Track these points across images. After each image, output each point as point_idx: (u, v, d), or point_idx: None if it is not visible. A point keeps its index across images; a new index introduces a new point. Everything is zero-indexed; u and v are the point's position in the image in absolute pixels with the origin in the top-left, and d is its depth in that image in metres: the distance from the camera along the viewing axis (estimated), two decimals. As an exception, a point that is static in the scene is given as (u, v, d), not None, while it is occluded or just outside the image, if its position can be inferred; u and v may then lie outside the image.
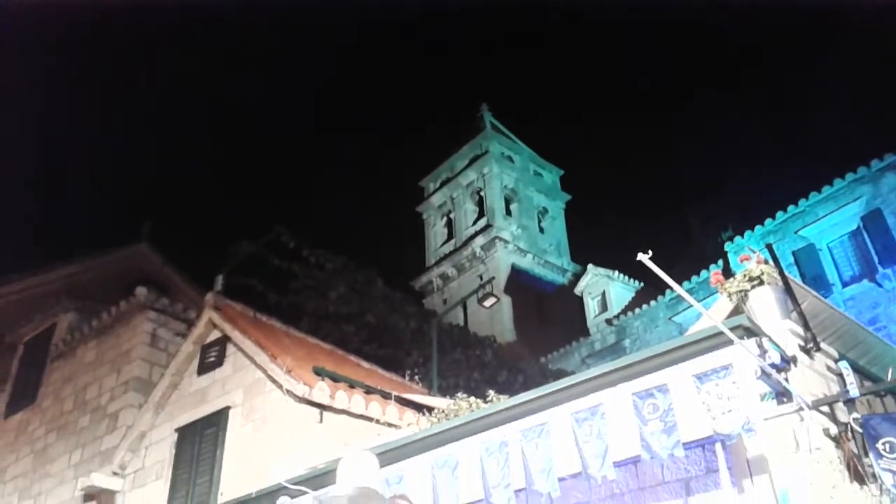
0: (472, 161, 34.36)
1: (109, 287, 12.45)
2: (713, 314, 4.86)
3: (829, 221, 17.57)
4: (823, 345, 5.04)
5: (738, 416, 4.16)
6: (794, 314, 5.05)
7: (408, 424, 8.70)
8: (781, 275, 5.13)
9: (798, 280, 5.62)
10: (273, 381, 8.85)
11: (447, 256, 32.86)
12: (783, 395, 4.60)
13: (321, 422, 8.58)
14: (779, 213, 18.53)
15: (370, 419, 8.95)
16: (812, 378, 4.81)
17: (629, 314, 22.82)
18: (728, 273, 5.69)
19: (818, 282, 16.65)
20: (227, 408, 9.28)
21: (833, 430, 4.54)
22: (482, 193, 33.39)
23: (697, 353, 4.68)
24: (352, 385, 9.25)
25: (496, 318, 27.33)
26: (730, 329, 4.28)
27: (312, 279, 16.21)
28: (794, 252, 17.85)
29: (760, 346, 4.45)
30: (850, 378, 4.64)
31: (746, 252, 5.58)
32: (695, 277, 19.36)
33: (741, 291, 5.24)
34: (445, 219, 34.86)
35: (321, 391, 8.56)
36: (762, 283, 5.17)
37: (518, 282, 30.26)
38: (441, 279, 32.57)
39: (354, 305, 16.08)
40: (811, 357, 4.93)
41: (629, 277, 25.18)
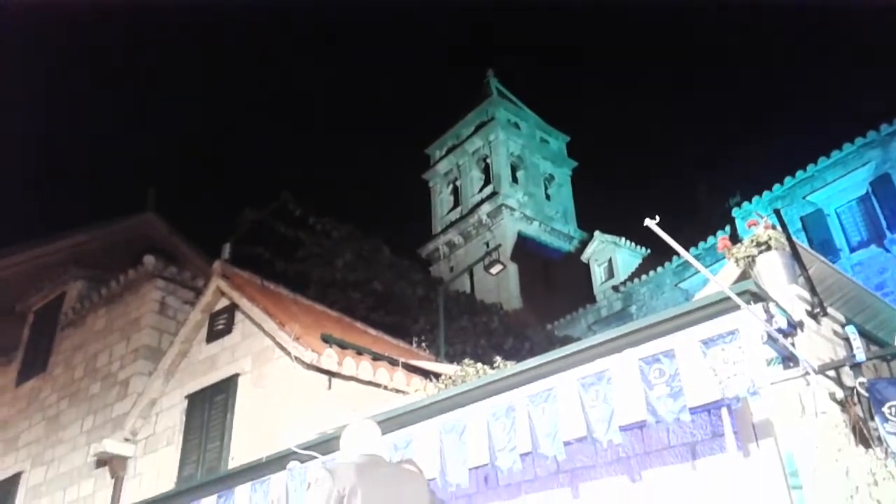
0: (478, 128, 34.17)
1: (117, 256, 12.50)
2: (720, 280, 4.86)
3: (838, 186, 17.48)
4: (830, 310, 5.04)
5: (744, 381, 4.17)
6: (802, 279, 5.05)
7: (415, 391, 8.77)
8: (789, 240, 5.11)
9: (806, 245, 5.59)
10: (281, 349, 8.92)
11: (453, 224, 32.84)
12: (789, 360, 4.61)
13: (329, 388, 8.65)
14: (787, 179, 18.43)
15: (378, 385, 9.02)
16: (818, 343, 4.82)
17: (636, 281, 22.83)
18: (735, 239, 5.67)
19: (826, 247, 16.62)
20: (237, 375, 9.37)
21: (839, 395, 4.56)
22: (488, 161, 33.26)
23: (704, 319, 4.69)
24: (359, 352, 9.31)
25: (503, 286, 27.39)
26: (737, 294, 4.27)
27: (319, 247, 16.25)
28: (802, 217, 17.79)
29: (767, 311, 4.46)
30: (857, 342, 4.65)
31: (754, 217, 5.56)
32: (702, 244, 19.33)
33: (748, 257, 5.23)
34: (451, 186, 34.77)
35: (329, 358, 8.62)
36: (769, 249, 5.15)
37: (524, 249, 30.26)
38: (447, 247, 32.60)
39: (361, 273, 16.13)
40: (818, 322, 4.94)
41: (636, 244, 25.17)
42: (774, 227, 5.25)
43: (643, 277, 22.55)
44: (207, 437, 9.23)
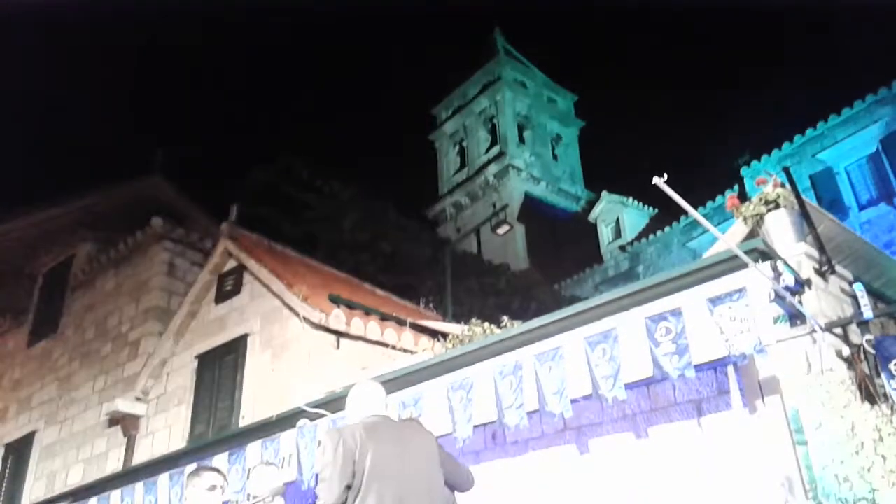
0: (485, 88, 33.87)
1: (125, 218, 12.51)
2: (728, 238, 4.85)
3: (848, 144, 17.31)
4: (838, 268, 5.03)
5: (751, 338, 4.18)
6: (810, 238, 5.03)
7: (423, 350, 8.84)
8: (798, 198, 5.08)
9: (814, 204, 5.56)
10: (290, 309, 8.98)
11: (460, 185, 32.74)
12: (796, 318, 4.62)
13: (338, 348, 8.73)
14: (797, 137, 18.25)
15: (386, 345, 9.10)
16: (826, 301, 4.82)
17: (643, 240, 22.78)
18: (744, 197, 5.63)
19: (835, 205, 16.52)
20: (246, 335, 9.45)
21: (846, 352, 4.57)
22: (495, 121, 33.02)
23: (711, 277, 4.68)
24: (367, 312, 9.37)
25: (510, 246, 27.38)
26: (744, 252, 4.26)
27: (326, 209, 16.26)
28: (812, 176, 17.66)
29: (775, 269, 4.44)
30: (864, 300, 4.64)
31: (763, 176, 5.52)
32: (710, 203, 19.22)
33: (757, 215, 5.20)
34: (458, 147, 34.58)
35: (337, 318, 8.67)
36: (778, 207, 5.12)
37: (531, 210, 30.19)
38: (454, 208, 32.54)
39: (368, 234, 16.16)
40: (826, 280, 4.93)
41: (643, 204, 25.06)
42: (783, 186, 5.21)
43: (650, 237, 22.50)
44: (218, 397, 9.35)
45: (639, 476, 4.97)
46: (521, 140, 32.62)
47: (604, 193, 25.70)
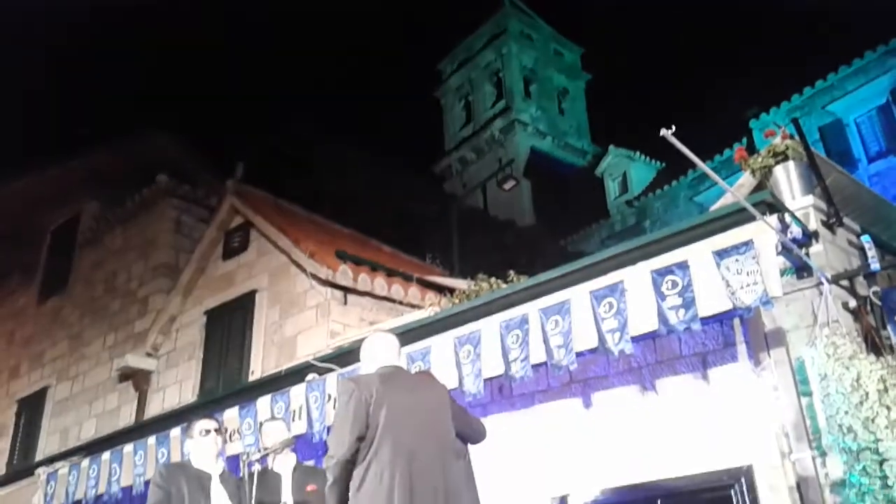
0: (490, 41, 33.40)
1: (131, 176, 12.51)
2: (735, 191, 4.82)
3: (858, 96, 17.11)
4: (846, 220, 5.01)
5: (757, 291, 4.18)
6: (818, 190, 5.00)
7: (430, 305, 8.86)
8: (807, 149, 5.04)
9: (823, 156, 5.53)
10: (297, 265, 9.02)
11: (466, 140, 32.53)
12: (803, 270, 4.62)
13: (345, 304, 8.78)
14: (806, 89, 18.04)
15: (393, 301, 9.14)
16: (833, 253, 4.81)
17: (650, 195, 22.69)
18: (752, 150, 5.59)
19: (844, 158, 16.39)
20: (254, 291, 9.51)
21: (852, 304, 4.58)
22: (501, 75, 32.64)
23: (718, 230, 4.67)
24: (374, 268, 9.39)
25: (516, 202, 27.30)
26: (752, 205, 4.24)
27: (332, 165, 16.21)
28: (821, 128, 17.50)
29: (782, 222, 4.43)
30: (872, 252, 4.64)
31: (771, 128, 5.47)
32: (717, 156, 19.09)
33: (765, 167, 5.16)
34: (463, 102, 34.25)
35: (344, 274, 8.71)
36: (787, 159, 5.08)
37: (538, 165, 30.02)
38: (460, 163, 32.38)
39: (374, 191, 16.12)
40: (833, 232, 4.92)
41: (650, 158, 24.89)
42: (792, 137, 5.17)
43: (657, 192, 22.40)
44: (227, 352, 9.45)
45: (644, 428, 5.03)
46: (527, 94, 32.29)
47: (610, 148, 25.54)
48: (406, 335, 5.94)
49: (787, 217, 4.53)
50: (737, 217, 4.53)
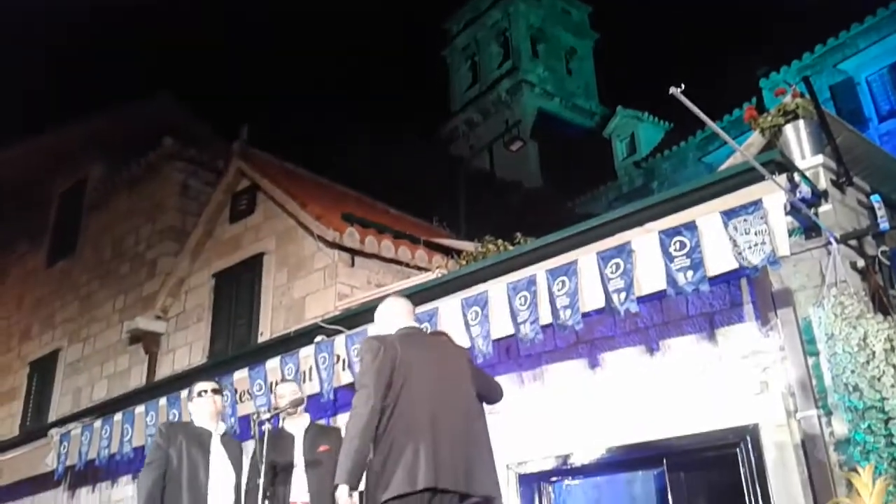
0: (497, -1, 32.96)
1: (137, 139, 12.49)
2: (744, 150, 4.78)
3: (870, 54, 16.86)
4: (856, 179, 4.97)
5: (765, 250, 4.17)
6: (828, 149, 4.95)
7: (437, 267, 8.88)
8: (817, 108, 4.98)
9: (834, 115, 5.46)
10: (304, 228, 9.03)
11: (472, 101, 32.27)
12: (812, 230, 4.60)
13: (353, 266, 8.80)
14: (817, 47, 17.77)
15: (400, 263, 9.15)
16: (842, 212, 4.78)
17: (658, 156, 22.53)
18: (762, 110, 5.53)
19: (855, 117, 16.21)
20: (262, 254, 9.54)
21: (860, 264, 4.56)
22: (508, 34, 32.24)
23: (727, 191, 4.65)
24: (381, 230, 9.40)
25: (523, 163, 27.16)
26: (761, 164, 4.20)
27: (339, 127, 16.13)
28: (832, 87, 17.29)
29: (791, 181, 4.40)
30: (881, 212, 4.60)
31: (782, 86, 5.40)
32: (727, 116, 18.87)
33: (775, 126, 5.11)
34: (470, 62, 33.90)
35: (351, 237, 8.72)
36: (797, 118, 5.02)
37: (545, 126, 29.81)
38: (467, 125, 32.17)
39: (381, 153, 16.07)
40: (843, 192, 4.88)
41: (658, 119, 24.65)
42: (802, 96, 5.10)
43: (666, 152, 22.24)
44: (236, 314, 9.51)
45: (650, 388, 5.06)
46: (535, 54, 31.93)
47: (619, 108, 25.28)
48: (414, 297, 5.95)
49: (797, 176, 4.49)
50: (746, 177, 4.50)
